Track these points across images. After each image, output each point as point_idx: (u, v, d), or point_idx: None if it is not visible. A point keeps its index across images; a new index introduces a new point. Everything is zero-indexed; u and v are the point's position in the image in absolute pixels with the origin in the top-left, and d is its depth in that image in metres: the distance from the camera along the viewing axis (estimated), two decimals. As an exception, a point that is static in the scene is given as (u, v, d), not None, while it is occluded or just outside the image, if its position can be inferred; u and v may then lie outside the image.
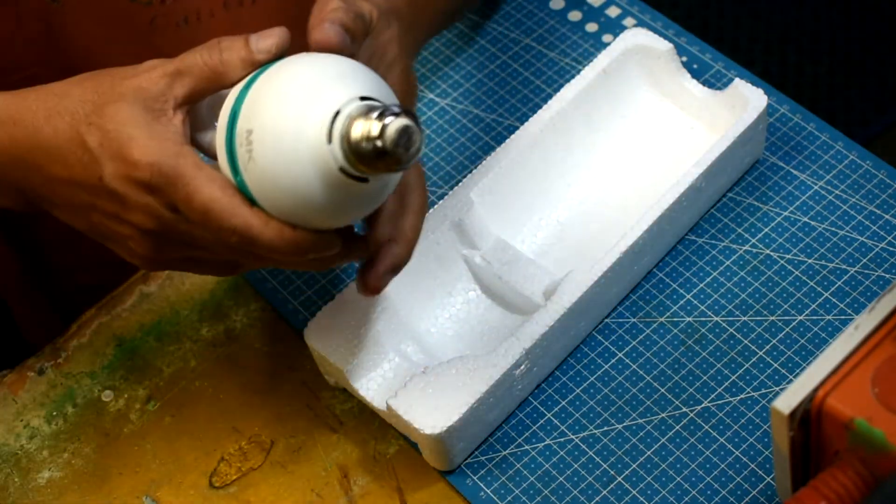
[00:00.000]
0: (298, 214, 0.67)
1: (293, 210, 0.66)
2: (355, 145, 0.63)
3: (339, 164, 0.64)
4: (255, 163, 0.65)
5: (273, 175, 0.65)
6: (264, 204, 0.67)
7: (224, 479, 0.85)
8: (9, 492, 0.85)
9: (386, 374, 0.83)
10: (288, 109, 0.65)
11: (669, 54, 0.92)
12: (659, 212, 0.85)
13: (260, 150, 0.65)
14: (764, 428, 0.82)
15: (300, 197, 0.65)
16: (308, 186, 0.65)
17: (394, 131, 0.63)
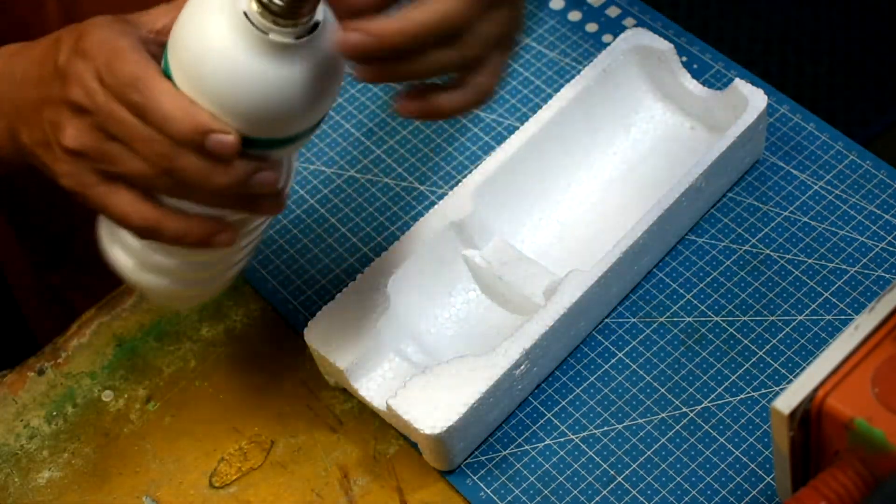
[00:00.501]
0: (218, 95, 0.65)
1: (210, 87, 0.65)
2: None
3: (249, 19, 0.64)
4: (172, 34, 0.66)
5: (186, 48, 0.65)
6: (187, 89, 0.66)
7: (224, 479, 0.85)
8: (9, 492, 0.85)
9: (386, 374, 0.83)
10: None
11: (669, 54, 0.92)
12: (659, 212, 0.85)
13: (177, 24, 0.66)
14: (764, 428, 0.82)
15: (213, 67, 0.65)
16: (222, 55, 0.64)
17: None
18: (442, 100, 0.70)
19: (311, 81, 0.66)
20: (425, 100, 0.70)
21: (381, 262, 0.85)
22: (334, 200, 0.95)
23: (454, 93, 0.70)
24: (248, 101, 0.65)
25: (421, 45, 0.67)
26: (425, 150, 0.97)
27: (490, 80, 0.71)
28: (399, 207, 0.94)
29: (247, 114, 0.66)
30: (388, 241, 0.92)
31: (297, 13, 0.64)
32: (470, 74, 0.70)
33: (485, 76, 0.70)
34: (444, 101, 0.70)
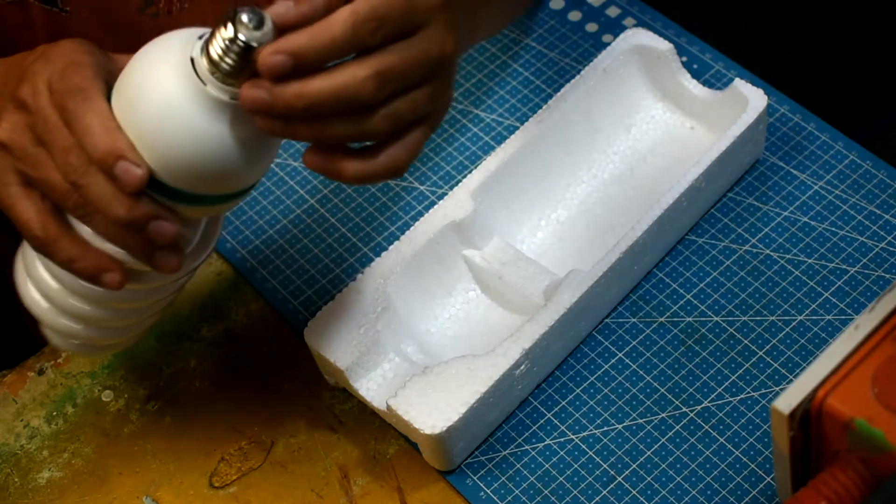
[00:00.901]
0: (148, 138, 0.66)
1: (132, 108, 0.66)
2: (209, 46, 0.64)
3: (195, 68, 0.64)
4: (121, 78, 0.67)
5: (134, 61, 0.66)
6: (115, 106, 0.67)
7: (224, 479, 0.85)
8: (9, 492, 0.86)
9: (386, 374, 0.83)
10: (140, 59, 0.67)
11: (669, 54, 0.92)
12: (659, 212, 0.85)
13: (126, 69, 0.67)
14: (764, 428, 0.82)
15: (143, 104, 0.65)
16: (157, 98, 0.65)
17: (245, 13, 0.63)
18: (346, 165, 0.69)
19: (237, 145, 0.66)
20: (329, 159, 0.69)
21: (381, 262, 0.85)
22: (334, 200, 0.95)
23: (360, 161, 0.69)
24: (169, 144, 0.66)
25: (317, 114, 0.66)
26: (425, 150, 0.97)
27: (402, 153, 0.69)
28: (399, 207, 0.94)
29: (165, 157, 0.66)
30: (388, 241, 0.92)
31: (241, 75, 0.64)
32: (381, 146, 0.69)
33: (396, 149, 0.69)
34: (349, 166, 0.69)
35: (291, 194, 0.96)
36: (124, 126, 0.66)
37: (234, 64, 0.64)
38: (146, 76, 0.66)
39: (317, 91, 0.65)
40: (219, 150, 0.66)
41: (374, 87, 0.66)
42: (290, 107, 0.65)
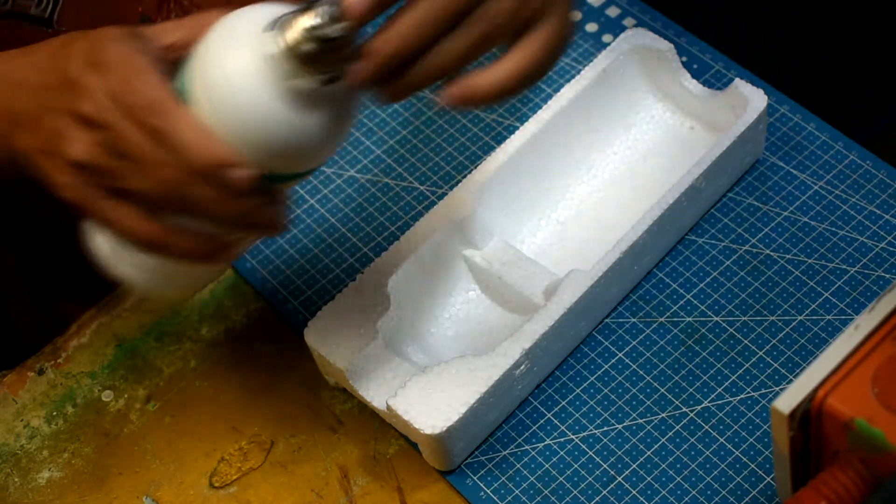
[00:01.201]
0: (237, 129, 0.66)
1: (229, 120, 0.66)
2: (285, 37, 0.64)
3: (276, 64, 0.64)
4: (196, 58, 0.66)
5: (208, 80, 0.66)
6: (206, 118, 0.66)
7: (224, 479, 0.85)
8: (9, 492, 0.85)
9: (386, 374, 0.83)
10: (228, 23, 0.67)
11: (669, 54, 0.92)
12: (659, 212, 0.85)
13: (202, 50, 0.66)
14: (764, 428, 0.82)
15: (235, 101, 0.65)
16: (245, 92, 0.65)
17: (323, 11, 0.63)
18: (480, 81, 0.68)
19: (332, 122, 0.67)
20: (463, 86, 0.68)
21: (381, 262, 0.85)
22: (334, 200, 0.95)
23: (490, 70, 0.68)
24: (268, 140, 0.66)
25: (426, 42, 0.66)
26: (425, 150, 0.97)
27: (533, 49, 0.68)
28: (399, 207, 0.94)
29: (266, 152, 0.66)
30: (388, 241, 0.92)
31: (329, 63, 0.65)
32: (511, 47, 0.68)
33: (527, 46, 0.68)
34: (483, 81, 0.68)
35: (291, 194, 0.96)
36: (214, 126, 0.66)
37: (314, 54, 0.64)
38: (232, 82, 0.65)
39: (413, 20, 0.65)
40: (319, 132, 0.67)
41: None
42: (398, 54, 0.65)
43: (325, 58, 0.64)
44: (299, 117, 0.66)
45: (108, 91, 0.67)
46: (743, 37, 1.91)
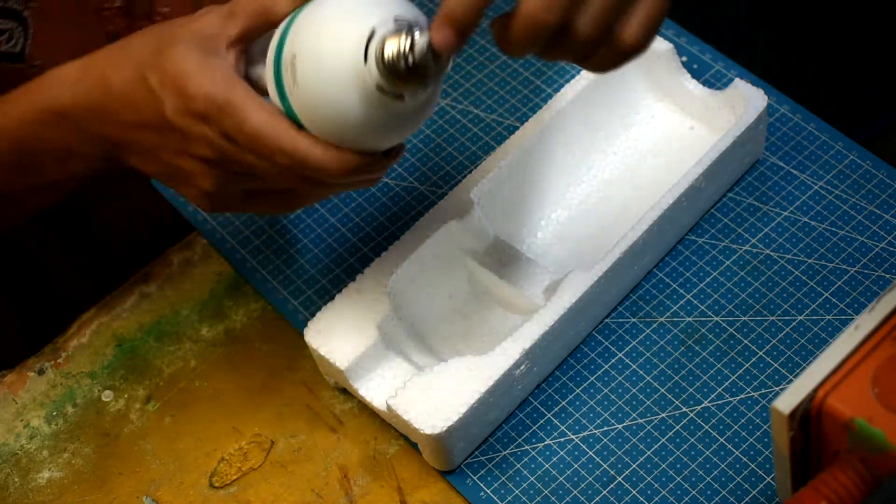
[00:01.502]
0: (342, 135, 0.70)
1: (337, 130, 0.70)
2: (389, 63, 0.67)
3: (375, 83, 0.68)
4: (300, 87, 0.69)
5: (316, 97, 0.69)
6: (310, 127, 0.70)
7: (224, 479, 0.85)
8: (9, 492, 0.85)
9: (386, 374, 0.83)
10: (327, 34, 0.69)
11: (669, 54, 0.92)
12: (659, 212, 0.85)
13: (303, 74, 0.69)
14: (764, 428, 0.82)
15: (342, 116, 0.69)
16: (348, 106, 0.68)
17: (422, 46, 0.66)
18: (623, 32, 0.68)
19: (431, 105, 0.72)
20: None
21: (381, 262, 0.85)
22: (335, 200, 0.95)
23: (628, 24, 0.68)
24: (378, 138, 0.71)
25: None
26: (425, 150, 0.97)
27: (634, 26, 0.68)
28: (399, 207, 0.94)
29: (374, 144, 0.71)
30: (388, 241, 0.92)
31: (434, 72, 0.68)
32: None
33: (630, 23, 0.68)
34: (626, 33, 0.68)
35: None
36: (317, 128, 0.70)
37: (404, 73, 0.67)
38: (345, 117, 0.69)
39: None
40: (395, 129, 0.71)
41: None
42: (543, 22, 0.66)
43: (417, 77, 0.68)
44: (407, 118, 0.70)
45: (223, 136, 0.70)
46: (743, 37, 1.91)
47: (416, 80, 0.67)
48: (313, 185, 0.73)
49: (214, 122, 0.70)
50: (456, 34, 0.66)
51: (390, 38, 0.67)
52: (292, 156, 0.70)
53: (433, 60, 0.67)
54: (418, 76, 0.67)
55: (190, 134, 0.71)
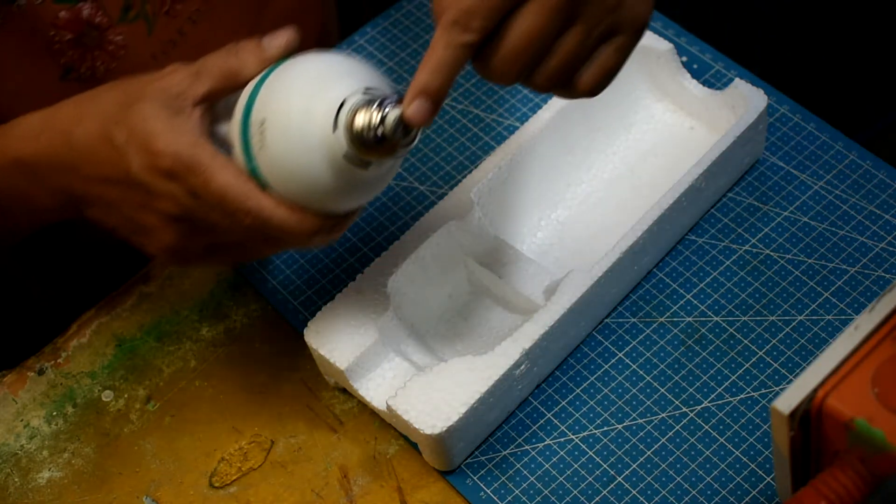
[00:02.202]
0: (307, 198, 0.71)
1: (301, 193, 0.71)
2: (358, 134, 0.68)
3: (343, 151, 0.69)
4: (267, 149, 0.70)
5: (283, 160, 0.70)
6: (275, 188, 0.71)
7: (224, 479, 0.85)
8: (9, 492, 0.85)
9: (386, 374, 0.83)
10: (297, 100, 0.70)
11: (669, 54, 0.92)
12: (659, 212, 0.85)
13: (272, 137, 0.70)
14: (764, 428, 0.82)
15: (307, 181, 0.70)
16: (315, 172, 0.70)
17: (393, 120, 0.68)
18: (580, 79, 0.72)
19: (382, 178, 0.73)
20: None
21: (381, 262, 0.85)
22: (334, 200, 0.95)
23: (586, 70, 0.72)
24: (339, 203, 0.72)
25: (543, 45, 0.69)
26: (425, 150, 0.97)
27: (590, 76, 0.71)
28: (399, 207, 0.94)
29: (335, 208, 0.73)
30: (388, 241, 0.92)
31: (403, 144, 0.69)
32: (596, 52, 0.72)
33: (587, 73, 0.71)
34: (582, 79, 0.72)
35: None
36: (282, 188, 0.71)
37: (371, 144, 0.69)
38: (313, 182, 0.70)
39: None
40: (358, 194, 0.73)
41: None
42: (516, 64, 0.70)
43: (385, 148, 0.69)
44: (371, 185, 0.72)
45: (188, 193, 0.71)
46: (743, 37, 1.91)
47: (384, 151, 0.69)
48: (273, 242, 0.74)
49: (181, 180, 0.71)
50: (428, 107, 0.68)
51: (361, 110, 0.68)
52: (256, 216, 0.71)
53: (402, 133, 0.68)
54: (386, 148, 0.69)
55: (155, 190, 0.72)
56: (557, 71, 0.70)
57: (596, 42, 0.71)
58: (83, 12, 0.88)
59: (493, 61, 0.69)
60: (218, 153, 0.71)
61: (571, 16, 0.69)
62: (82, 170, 0.74)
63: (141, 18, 0.91)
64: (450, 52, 0.69)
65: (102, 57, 0.90)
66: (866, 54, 1.89)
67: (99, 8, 0.88)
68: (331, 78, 0.70)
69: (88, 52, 0.89)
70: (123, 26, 0.90)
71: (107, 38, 0.90)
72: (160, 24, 0.92)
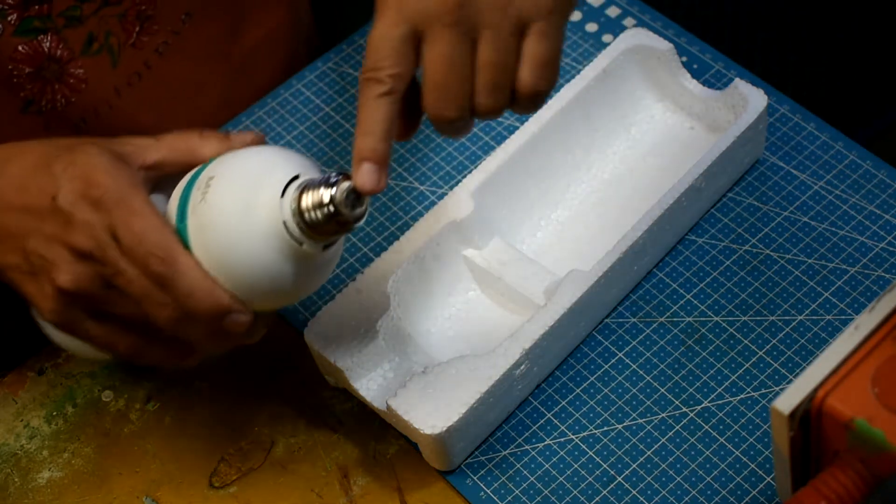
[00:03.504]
0: (228, 267, 0.69)
1: (225, 260, 0.69)
2: (305, 211, 0.68)
3: (281, 221, 0.68)
4: (206, 202, 0.69)
5: (219, 217, 0.68)
6: (198, 250, 0.69)
7: (224, 479, 0.85)
8: (9, 492, 0.85)
9: (386, 374, 0.83)
10: (250, 167, 0.69)
11: (669, 54, 0.92)
12: (659, 212, 0.85)
13: (214, 192, 0.69)
14: (764, 428, 0.82)
15: (236, 245, 0.68)
16: (247, 238, 0.68)
17: (343, 191, 0.67)
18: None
19: (325, 270, 0.72)
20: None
21: (381, 262, 0.85)
22: (334, 200, 0.95)
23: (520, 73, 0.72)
24: (267, 290, 0.70)
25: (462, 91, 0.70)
26: (425, 150, 0.97)
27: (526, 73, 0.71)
28: (399, 207, 0.94)
29: (262, 298, 0.70)
30: (388, 241, 0.92)
31: (334, 232, 0.69)
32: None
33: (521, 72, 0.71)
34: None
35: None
36: (215, 272, 0.69)
37: (322, 224, 0.68)
38: (242, 245, 0.68)
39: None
40: (314, 280, 0.72)
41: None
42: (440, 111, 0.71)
43: (332, 228, 0.68)
44: (299, 272, 0.70)
45: (108, 229, 0.69)
46: (743, 37, 1.91)
47: (332, 228, 0.68)
48: (173, 323, 0.70)
49: (105, 212, 0.68)
50: (376, 170, 0.68)
51: (308, 191, 0.68)
52: (167, 264, 0.68)
53: (353, 204, 0.68)
54: (337, 222, 0.68)
55: (75, 219, 0.69)
56: (491, 84, 0.70)
57: (513, 41, 0.70)
58: (43, 45, 0.87)
59: (426, 101, 0.69)
60: (151, 203, 0.70)
61: (471, 27, 0.69)
62: (3, 197, 0.72)
63: (105, 51, 0.91)
64: (374, 108, 0.69)
65: (63, 90, 0.90)
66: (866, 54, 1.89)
67: (60, 41, 0.88)
68: (279, 161, 0.70)
69: (49, 85, 0.89)
70: (86, 59, 0.90)
71: (68, 72, 0.89)
72: (125, 56, 0.92)
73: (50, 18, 0.87)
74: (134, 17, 0.91)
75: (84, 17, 0.88)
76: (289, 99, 1.00)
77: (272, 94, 1.01)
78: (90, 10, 0.88)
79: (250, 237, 0.68)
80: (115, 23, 0.90)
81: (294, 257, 0.69)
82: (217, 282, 0.69)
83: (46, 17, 0.87)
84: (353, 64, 1.01)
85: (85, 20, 0.89)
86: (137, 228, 0.68)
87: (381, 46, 0.69)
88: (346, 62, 1.02)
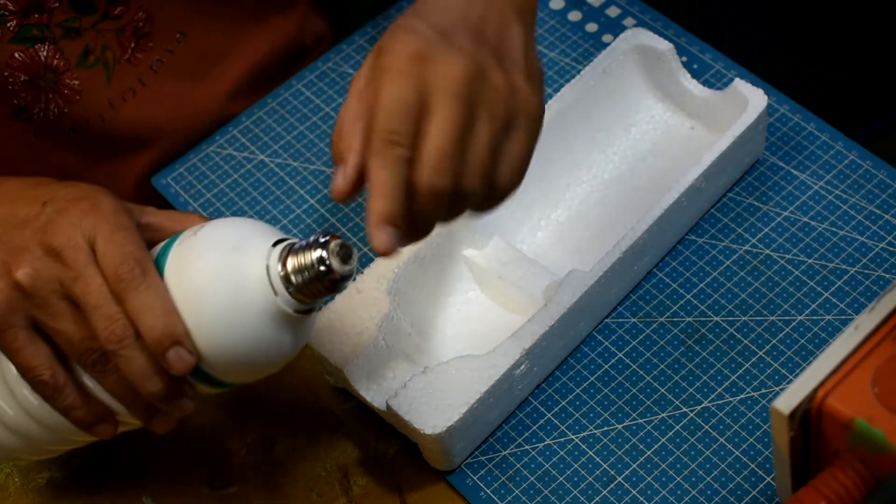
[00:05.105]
0: (198, 305, 0.67)
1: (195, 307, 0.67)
2: (295, 271, 0.67)
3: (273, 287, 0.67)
4: (197, 237, 0.68)
5: (201, 250, 0.68)
6: (170, 278, 0.68)
7: (224, 479, 0.85)
8: (9, 492, 0.85)
9: (386, 374, 0.83)
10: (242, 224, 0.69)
11: (669, 54, 0.92)
12: (659, 212, 0.85)
13: (204, 234, 0.68)
14: (764, 428, 0.82)
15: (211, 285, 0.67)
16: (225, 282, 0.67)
17: (336, 246, 0.67)
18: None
19: (286, 349, 0.70)
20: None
21: (381, 262, 0.85)
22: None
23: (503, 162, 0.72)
24: (226, 344, 0.68)
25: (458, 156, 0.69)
26: (425, 150, 0.97)
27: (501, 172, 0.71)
28: (399, 207, 0.94)
29: (215, 351, 0.68)
30: (388, 241, 0.92)
31: (312, 291, 0.68)
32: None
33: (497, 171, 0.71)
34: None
35: (291, 194, 0.96)
36: (181, 309, 0.67)
37: (311, 284, 0.67)
38: (218, 277, 0.67)
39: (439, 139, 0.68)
40: (270, 355, 0.69)
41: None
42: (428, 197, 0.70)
43: (319, 288, 0.67)
44: (269, 336, 0.68)
45: (87, 235, 0.68)
46: (743, 37, 1.91)
47: (324, 287, 0.67)
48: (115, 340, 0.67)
49: (90, 220, 0.68)
50: (395, 233, 0.68)
51: (294, 254, 0.67)
52: (137, 272, 0.67)
53: (344, 260, 0.67)
54: (330, 280, 0.67)
55: (56, 220, 0.68)
56: (483, 166, 0.69)
57: (502, 133, 0.70)
58: (40, 54, 0.88)
59: (423, 169, 0.68)
60: (136, 230, 0.69)
61: (473, 102, 0.69)
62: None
63: (100, 65, 0.91)
64: (394, 171, 0.68)
65: (57, 100, 0.90)
66: (866, 54, 1.89)
67: (57, 51, 0.88)
68: (265, 230, 0.70)
69: (42, 94, 0.89)
70: (81, 71, 0.90)
71: (62, 82, 0.90)
72: (120, 71, 0.92)
73: (48, 28, 0.87)
74: (131, 33, 0.91)
75: (82, 29, 0.89)
76: (289, 99, 1.00)
77: (272, 93, 1.01)
78: (89, 22, 0.89)
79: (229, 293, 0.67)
80: (112, 37, 0.90)
81: (272, 315, 0.68)
82: (178, 313, 0.67)
83: (45, 26, 0.87)
84: (353, 64, 1.01)
85: (83, 32, 0.89)
86: (118, 238, 0.68)
87: (397, 109, 0.68)
88: (346, 62, 1.02)
